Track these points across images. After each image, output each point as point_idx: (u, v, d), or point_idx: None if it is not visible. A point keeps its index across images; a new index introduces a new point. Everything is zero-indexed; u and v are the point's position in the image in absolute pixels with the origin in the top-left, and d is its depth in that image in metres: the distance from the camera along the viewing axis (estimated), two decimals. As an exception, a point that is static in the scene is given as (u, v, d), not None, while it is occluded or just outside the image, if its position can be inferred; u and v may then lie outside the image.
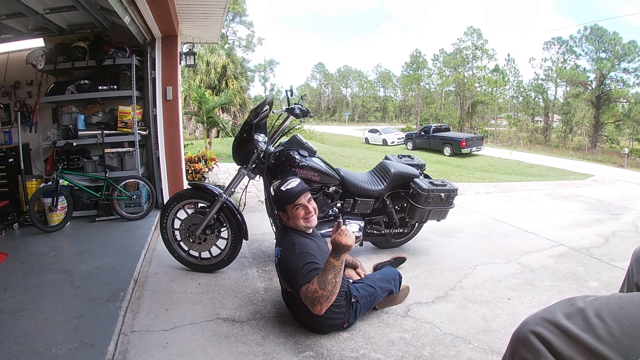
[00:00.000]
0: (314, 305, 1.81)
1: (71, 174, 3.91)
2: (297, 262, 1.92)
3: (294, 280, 1.91)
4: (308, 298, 1.81)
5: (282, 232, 2.18)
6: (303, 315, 2.05)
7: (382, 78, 51.00)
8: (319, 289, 1.78)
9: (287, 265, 1.97)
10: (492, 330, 2.11)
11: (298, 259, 1.93)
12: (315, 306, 1.81)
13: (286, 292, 2.14)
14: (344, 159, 12.39)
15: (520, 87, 33.25)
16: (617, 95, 25.57)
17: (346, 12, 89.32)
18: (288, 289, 2.06)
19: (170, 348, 1.93)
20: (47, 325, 2.05)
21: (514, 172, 12.54)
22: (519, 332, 0.76)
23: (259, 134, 2.74)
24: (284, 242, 2.07)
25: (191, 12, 4.36)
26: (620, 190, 7.03)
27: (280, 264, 2.04)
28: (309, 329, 2.07)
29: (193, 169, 5.75)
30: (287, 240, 2.05)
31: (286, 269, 1.98)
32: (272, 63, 41.30)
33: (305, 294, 1.83)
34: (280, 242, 2.12)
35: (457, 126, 33.31)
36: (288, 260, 1.97)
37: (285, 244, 2.05)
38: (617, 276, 2.84)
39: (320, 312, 1.82)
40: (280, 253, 2.06)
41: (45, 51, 3.98)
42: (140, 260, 2.95)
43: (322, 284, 1.78)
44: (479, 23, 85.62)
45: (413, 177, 3.02)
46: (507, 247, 3.44)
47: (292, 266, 1.93)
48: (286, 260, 1.99)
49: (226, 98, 11.73)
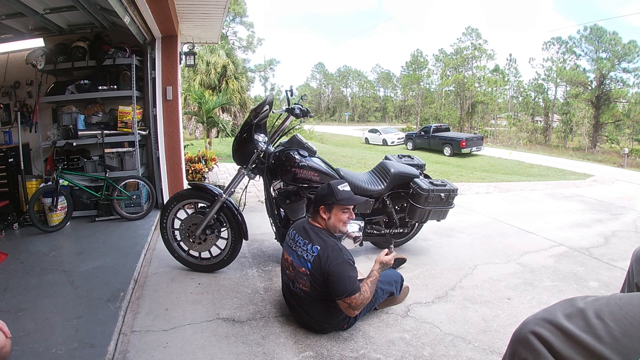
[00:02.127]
0: (356, 310, 1.91)
1: (71, 174, 3.91)
2: (348, 270, 1.90)
3: (341, 287, 1.86)
4: (357, 305, 1.88)
5: (310, 231, 2.03)
6: (306, 316, 2.05)
7: (382, 78, 50.97)
8: (370, 296, 1.93)
9: (335, 271, 1.88)
10: (492, 330, 2.11)
11: (349, 267, 1.92)
12: (357, 310, 1.92)
13: (294, 292, 2.06)
14: (344, 159, 12.39)
15: (520, 87, 33.27)
16: (617, 95, 25.55)
17: (346, 12, 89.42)
18: (305, 289, 1.98)
19: (170, 348, 1.93)
20: (47, 325, 2.05)
21: (514, 172, 12.54)
22: (519, 332, 0.76)
23: (259, 134, 2.74)
24: (324, 242, 1.96)
25: (191, 12, 4.36)
26: (620, 190, 7.03)
27: (321, 266, 1.92)
28: (310, 329, 2.07)
29: (193, 169, 5.75)
30: (328, 242, 1.96)
31: (333, 274, 1.88)
32: (273, 63, 41.23)
33: (356, 301, 1.87)
34: (315, 240, 1.98)
35: (457, 126, 33.30)
36: (337, 266, 1.89)
37: (328, 245, 1.95)
38: (617, 276, 2.84)
39: (354, 314, 1.97)
40: (320, 253, 1.93)
41: (45, 51, 3.97)
42: (140, 260, 2.95)
43: (371, 293, 1.94)
44: (479, 23, 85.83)
45: (413, 177, 3.02)
46: (507, 247, 3.44)
47: (344, 274, 1.88)
48: (333, 265, 1.89)
49: (225, 97, 11.72)
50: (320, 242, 1.98)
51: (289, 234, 2.16)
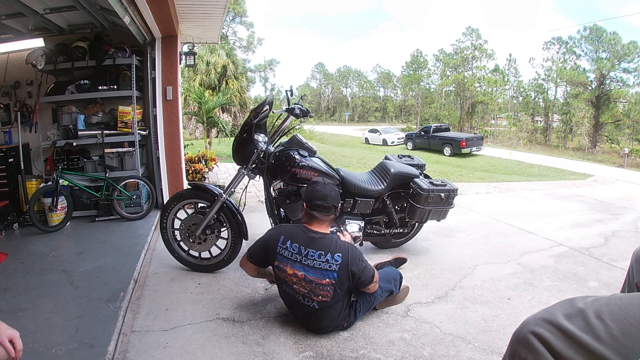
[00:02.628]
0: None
1: (71, 174, 3.91)
2: (364, 258, 2.05)
3: (369, 275, 2.01)
4: (375, 282, 2.06)
5: (317, 240, 1.98)
6: (314, 323, 2.04)
7: (382, 78, 50.96)
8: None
9: (362, 266, 1.98)
10: (492, 330, 2.11)
11: (362, 254, 2.07)
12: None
13: (305, 304, 1.99)
14: (344, 159, 12.39)
15: (520, 87, 33.27)
16: (617, 95, 25.55)
17: (346, 12, 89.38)
18: (325, 299, 1.94)
19: (170, 348, 1.93)
20: (47, 325, 2.05)
21: (514, 172, 12.55)
22: (519, 332, 0.76)
23: (259, 134, 2.74)
24: (337, 245, 1.97)
25: (191, 12, 4.36)
26: (620, 190, 7.03)
27: (348, 271, 1.93)
28: (310, 329, 2.07)
29: (193, 169, 5.75)
30: (340, 244, 1.98)
31: (361, 270, 1.97)
32: (273, 63, 41.21)
33: (376, 274, 2.07)
34: (330, 247, 1.95)
35: (457, 126, 33.30)
36: (361, 262, 1.99)
37: (342, 247, 1.96)
38: (617, 276, 2.84)
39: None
40: (343, 259, 1.93)
41: (45, 51, 3.97)
42: (140, 260, 2.95)
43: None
44: (479, 23, 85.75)
45: (413, 177, 3.02)
46: (507, 247, 3.44)
47: (366, 265, 2.02)
48: (358, 262, 1.97)
49: (225, 97, 11.72)
50: (335, 247, 1.95)
51: (286, 247, 1.99)
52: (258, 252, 2.13)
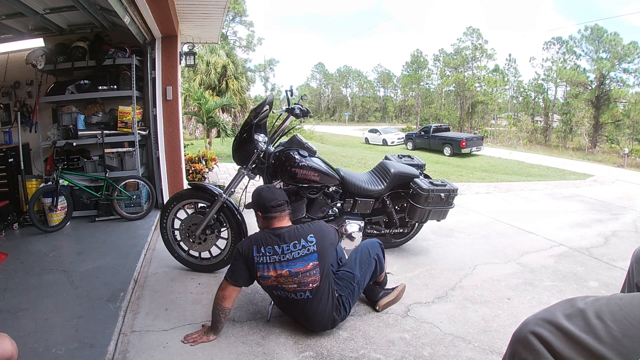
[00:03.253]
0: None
1: (71, 174, 3.91)
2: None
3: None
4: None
5: (285, 233, 2.03)
6: (311, 317, 2.03)
7: (382, 78, 50.95)
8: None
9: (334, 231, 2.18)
10: (492, 330, 2.11)
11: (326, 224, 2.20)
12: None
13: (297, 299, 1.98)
14: (344, 159, 12.39)
15: (520, 87, 33.27)
16: (617, 96, 25.56)
17: (346, 12, 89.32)
18: (314, 285, 1.95)
19: (170, 348, 1.93)
20: (47, 325, 2.05)
21: (513, 172, 12.54)
22: (519, 332, 0.76)
23: (259, 134, 2.74)
24: (305, 229, 2.09)
25: (191, 12, 4.36)
26: (620, 190, 7.03)
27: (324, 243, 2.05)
28: (310, 329, 2.07)
29: (193, 169, 5.75)
30: (309, 227, 2.11)
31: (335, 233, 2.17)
32: (272, 63, 41.19)
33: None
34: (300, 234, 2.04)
35: (457, 126, 33.30)
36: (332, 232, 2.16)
37: (313, 228, 2.10)
38: (617, 276, 2.84)
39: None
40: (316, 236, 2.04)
41: (45, 51, 3.97)
42: (140, 260, 2.95)
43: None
44: (479, 23, 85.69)
45: (413, 177, 3.02)
46: (507, 247, 3.44)
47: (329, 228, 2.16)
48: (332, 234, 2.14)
49: (226, 99, 11.73)
50: (304, 231, 2.02)
51: (262, 253, 1.96)
52: (241, 272, 1.98)
